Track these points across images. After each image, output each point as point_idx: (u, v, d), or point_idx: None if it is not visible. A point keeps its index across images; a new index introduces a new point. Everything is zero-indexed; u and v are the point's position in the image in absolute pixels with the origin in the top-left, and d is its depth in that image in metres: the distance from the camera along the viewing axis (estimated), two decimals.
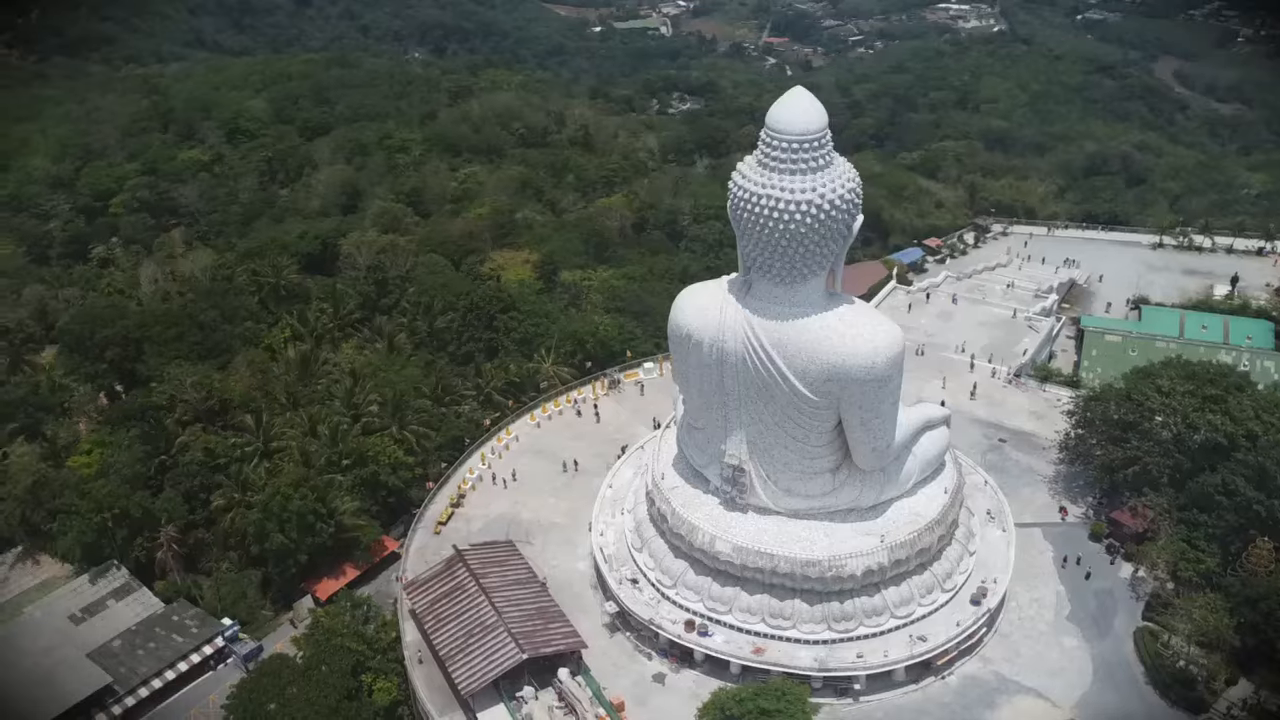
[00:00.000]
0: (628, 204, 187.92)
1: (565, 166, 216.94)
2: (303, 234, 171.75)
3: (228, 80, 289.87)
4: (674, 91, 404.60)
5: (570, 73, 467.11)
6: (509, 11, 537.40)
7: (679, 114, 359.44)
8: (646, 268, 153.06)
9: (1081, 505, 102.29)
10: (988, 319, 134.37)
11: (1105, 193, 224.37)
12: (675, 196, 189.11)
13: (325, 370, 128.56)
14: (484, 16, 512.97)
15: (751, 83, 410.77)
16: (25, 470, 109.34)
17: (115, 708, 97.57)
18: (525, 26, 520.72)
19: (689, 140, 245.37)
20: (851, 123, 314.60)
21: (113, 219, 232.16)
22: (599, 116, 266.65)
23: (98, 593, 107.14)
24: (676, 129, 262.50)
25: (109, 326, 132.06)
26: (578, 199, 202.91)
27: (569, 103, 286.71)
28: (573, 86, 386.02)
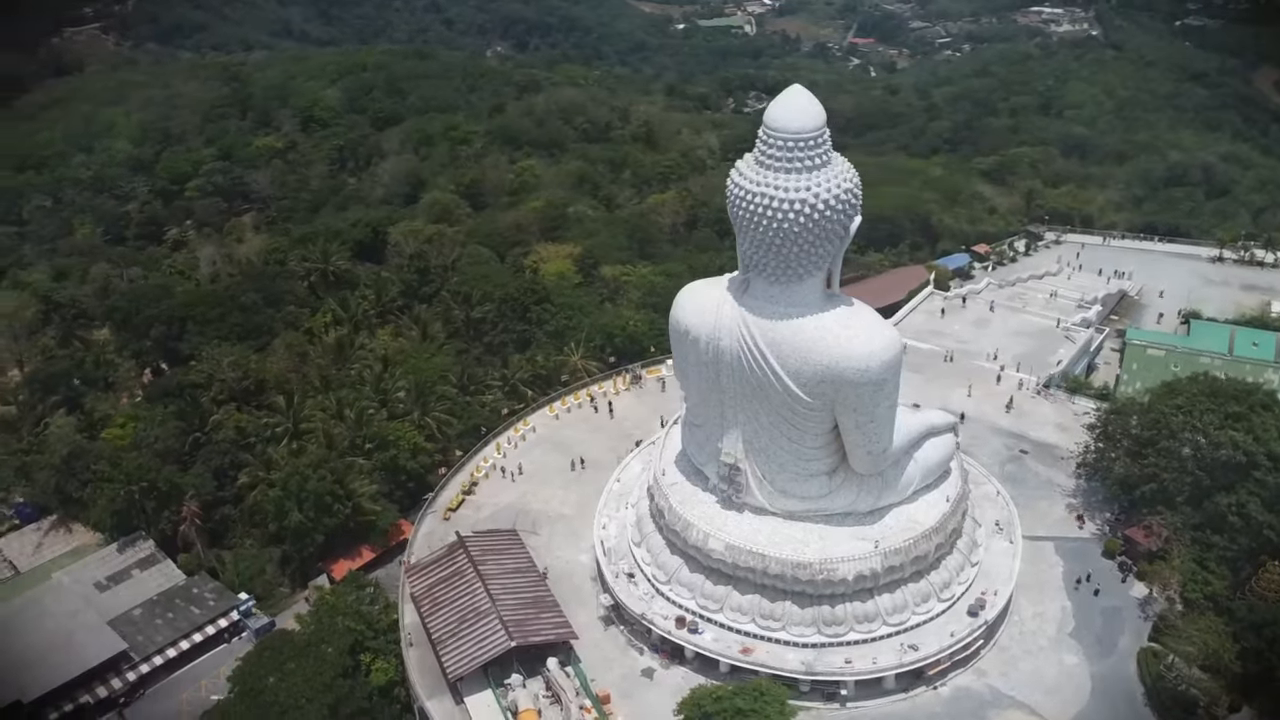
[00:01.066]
0: (680, 201, 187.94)
1: (624, 162, 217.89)
2: (355, 222, 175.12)
3: (306, 70, 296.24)
4: (750, 90, 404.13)
5: (652, 70, 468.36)
6: (593, 7, 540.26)
7: (753, 113, 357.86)
8: (688, 265, 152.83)
9: (1099, 521, 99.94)
10: (1024, 328, 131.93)
11: (1183, 204, 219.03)
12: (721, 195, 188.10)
13: (359, 355, 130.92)
14: (567, 12, 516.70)
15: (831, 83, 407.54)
16: (62, 440, 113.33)
17: (129, 673, 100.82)
18: (608, 23, 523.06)
19: (750, 139, 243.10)
20: (927, 126, 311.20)
21: (188, 202, 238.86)
22: (664, 113, 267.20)
23: (124, 562, 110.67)
24: (740, 127, 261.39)
25: (154, 306, 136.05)
26: (633, 195, 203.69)
27: (635, 99, 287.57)
28: (650, 84, 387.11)
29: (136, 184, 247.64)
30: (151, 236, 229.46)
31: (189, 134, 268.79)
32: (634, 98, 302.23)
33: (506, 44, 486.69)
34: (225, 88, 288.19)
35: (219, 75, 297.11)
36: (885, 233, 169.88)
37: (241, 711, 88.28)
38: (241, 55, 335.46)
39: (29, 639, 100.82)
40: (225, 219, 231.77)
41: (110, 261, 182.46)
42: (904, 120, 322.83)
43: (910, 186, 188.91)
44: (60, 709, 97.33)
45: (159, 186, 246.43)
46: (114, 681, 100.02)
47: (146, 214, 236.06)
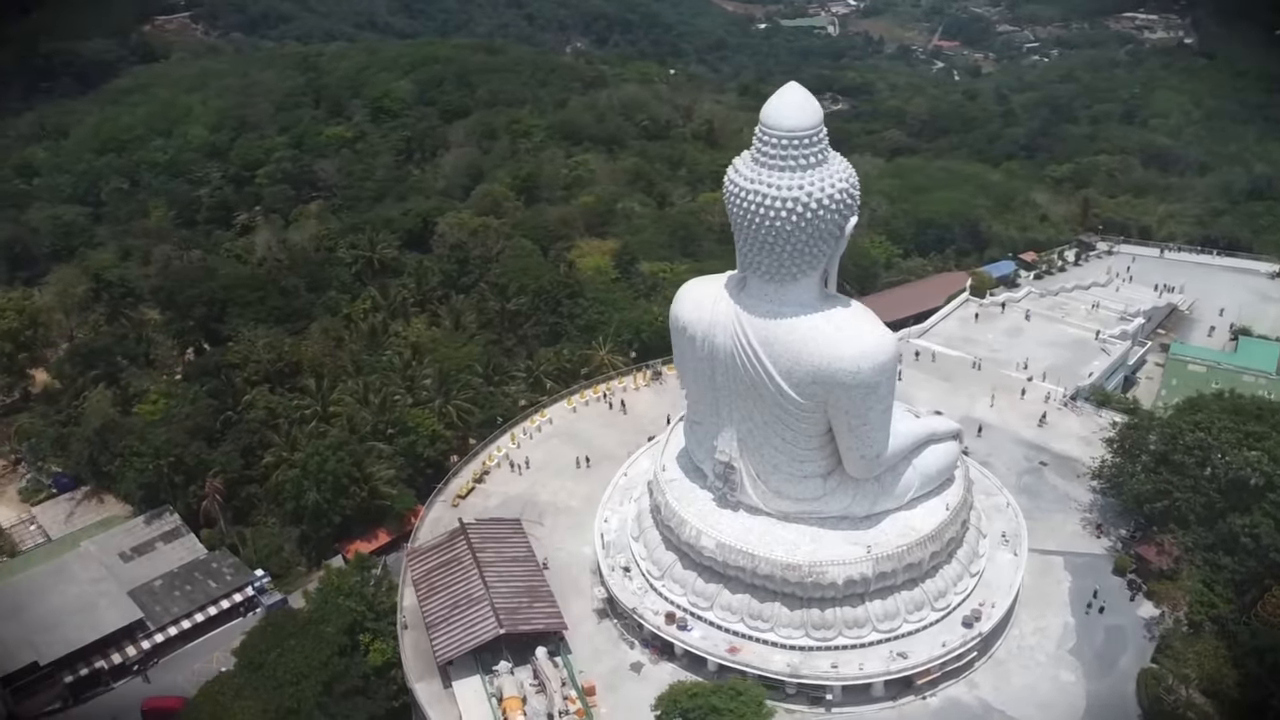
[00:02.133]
0: None
1: (681, 160, 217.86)
2: (406, 211, 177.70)
3: (379, 61, 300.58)
4: (825, 91, 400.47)
5: (730, 69, 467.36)
6: (674, 5, 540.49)
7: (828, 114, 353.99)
8: (729, 263, 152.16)
9: (1112, 537, 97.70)
10: (1059, 338, 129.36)
11: (1263, 218, 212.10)
12: None
13: (392, 342, 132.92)
14: (649, 9, 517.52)
15: (911, 86, 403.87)
16: (97, 414, 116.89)
17: (144, 642, 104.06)
18: (689, 21, 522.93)
19: None
20: (1002, 132, 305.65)
21: (257, 189, 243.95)
22: (730, 112, 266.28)
23: (149, 534, 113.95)
24: None
25: (196, 286, 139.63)
26: (687, 192, 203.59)
27: (702, 97, 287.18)
28: (725, 83, 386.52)
29: (210, 169, 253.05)
30: (221, 221, 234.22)
31: (263, 122, 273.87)
32: (701, 96, 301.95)
33: (586, 40, 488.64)
34: (301, 77, 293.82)
35: (296, 65, 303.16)
36: (933, 238, 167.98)
37: (241, 684, 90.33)
38: (319, 46, 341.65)
39: (51, 603, 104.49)
40: (292, 206, 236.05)
41: (173, 244, 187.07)
42: (978, 125, 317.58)
43: (964, 192, 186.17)
44: (76, 672, 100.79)
45: (231, 172, 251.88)
46: (129, 649, 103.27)
47: (217, 199, 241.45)
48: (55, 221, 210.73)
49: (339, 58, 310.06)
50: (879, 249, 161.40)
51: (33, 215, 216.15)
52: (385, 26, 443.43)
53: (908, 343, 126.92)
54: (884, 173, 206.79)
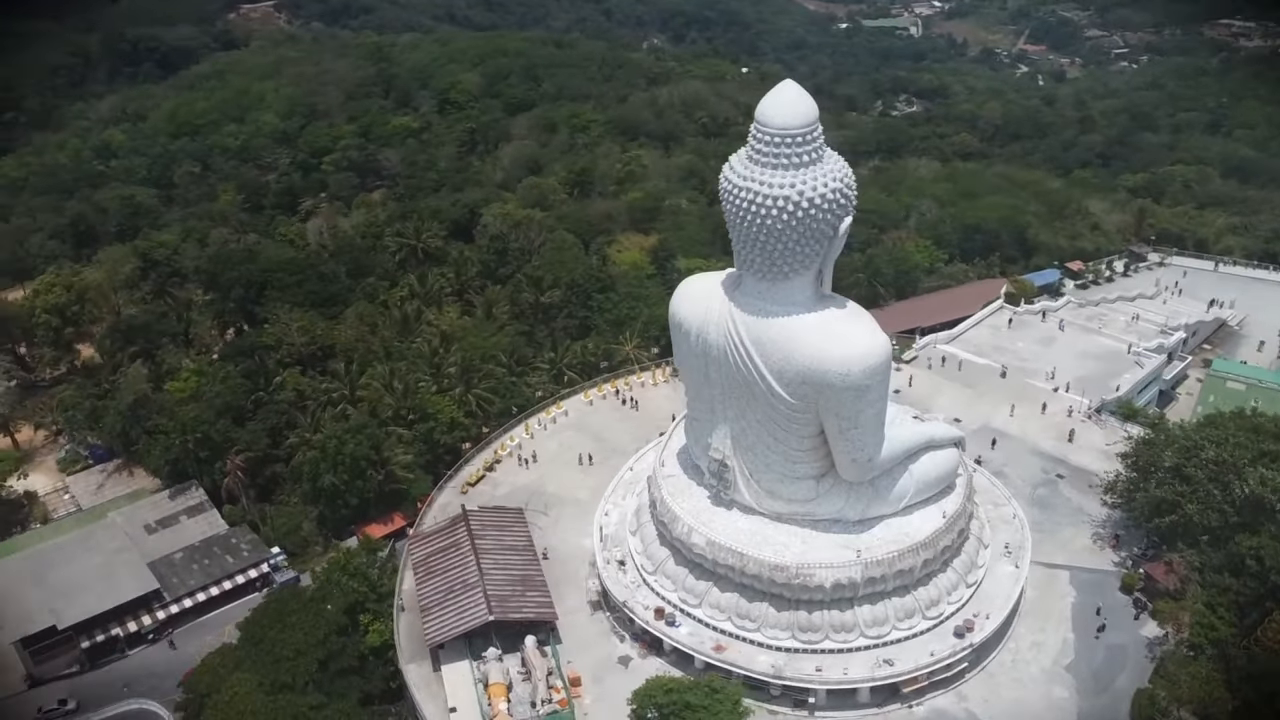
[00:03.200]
0: None
1: None
2: (454, 202, 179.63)
3: (449, 53, 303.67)
4: (901, 94, 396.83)
5: (807, 68, 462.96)
6: (755, 3, 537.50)
7: (900, 116, 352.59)
8: None
9: (1122, 553, 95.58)
10: (1092, 349, 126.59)
11: None
12: None
13: (424, 330, 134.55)
14: (728, 6, 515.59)
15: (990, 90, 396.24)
16: (130, 389, 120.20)
17: (160, 612, 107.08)
18: (769, 19, 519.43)
19: (869, 142, 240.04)
20: (1078, 139, 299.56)
21: (323, 175, 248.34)
22: None
23: (174, 508, 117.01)
24: (863, 129, 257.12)
25: (236, 268, 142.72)
26: None
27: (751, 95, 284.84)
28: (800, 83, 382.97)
29: (279, 155, 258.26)
30: (287, 206, 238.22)
31: (333, 110, 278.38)
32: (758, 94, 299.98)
33: (664, 37, 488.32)
34: (372, 67, 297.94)
35: (369, 55, 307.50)
36: (980, 244, 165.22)
37: (241, 657, 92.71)
38: (392, 37, 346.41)
39: (74, 570, 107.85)
40: (356, 193, 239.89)
41: (230, 227, 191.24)
42: (1053, 131, 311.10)
43: (1018, 198, 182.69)
44: (93, 638, 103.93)
45: (299, 159, 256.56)
46: (145, 618, 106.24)
47: (284, 185, 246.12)
48: (123, 201, 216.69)
49: (410, 49, 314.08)
50: (923, 253, 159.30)
51: (103, 195, 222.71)
52: (464, 20, 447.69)
53: (934, 348, 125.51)
54: (939, 176, 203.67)
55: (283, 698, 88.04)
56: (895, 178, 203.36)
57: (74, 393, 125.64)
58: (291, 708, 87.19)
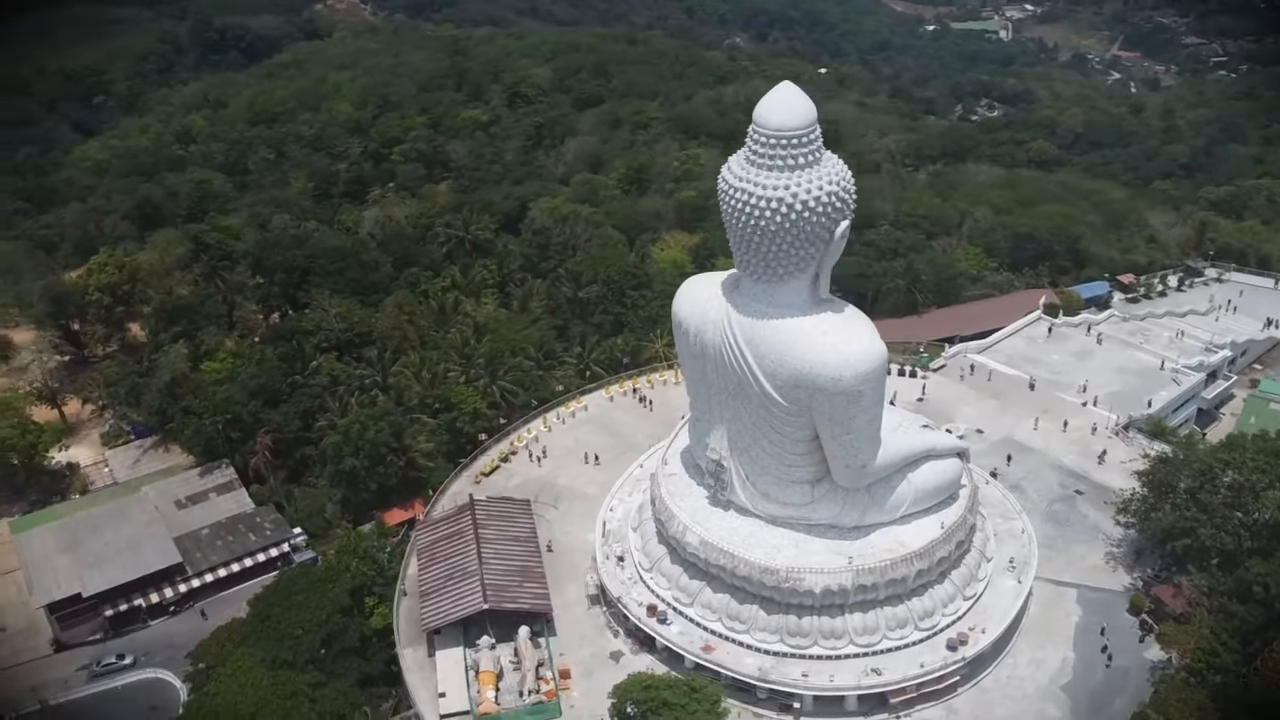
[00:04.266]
0: None
1: None
2: (507, 195, 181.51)
3: (523, 48, 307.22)
4: (982, 98, 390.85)
5: (891, 70, 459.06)
6: (841, 3, 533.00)
7: (979, 121, 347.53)
8: None
9: (1135, 574, 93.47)
10: (1129, 364, 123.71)
11: None
12: (880, 199, 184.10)
13: (459, 320, 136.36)
14: (813, 6, 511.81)
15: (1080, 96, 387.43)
16: (168, 368, 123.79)
17: (181, 585, 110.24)
18: (854, 19, 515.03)
19: (934, 146, 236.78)
20: (1161, 149, 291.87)
21: (392, 165, 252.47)
22: (861, 114, 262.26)
23: (204, 485, 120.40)
24: (930, 133, 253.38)
25: (281, 254, 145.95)
26: None
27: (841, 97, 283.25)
28: (877, 84, 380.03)
29: (351, 144, 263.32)
30: (355, 195, 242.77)
31: (406, 101, 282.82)
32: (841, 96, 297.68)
33: (745, 36, 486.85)
34: (447, 60, 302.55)
35: (444, 48, 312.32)
36: (1031, 253, 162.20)
37: (248, 633, 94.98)
38: (469, 30, 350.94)
39: (104, 540, 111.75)
40: (422, 184, 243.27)
41: (292, 214, 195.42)
42: (1135, 141, 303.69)
43: (1077, 208, 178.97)
44: (116, 607, 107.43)
45: (370, 149, 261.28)
46: (167, 590, 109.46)
47: (353, 174, 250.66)
48: (195, 185, 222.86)
49: (485, 42, 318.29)
50: (970, 261, 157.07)
51: (174, 179, 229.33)
52: (546, 14, 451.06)
53: (964, 357, 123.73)
54: (999, 183, 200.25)
55: (283, 674, 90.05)
56: (953, 183, 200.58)
57: (116, 369, 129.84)
58: (290, 684, 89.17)
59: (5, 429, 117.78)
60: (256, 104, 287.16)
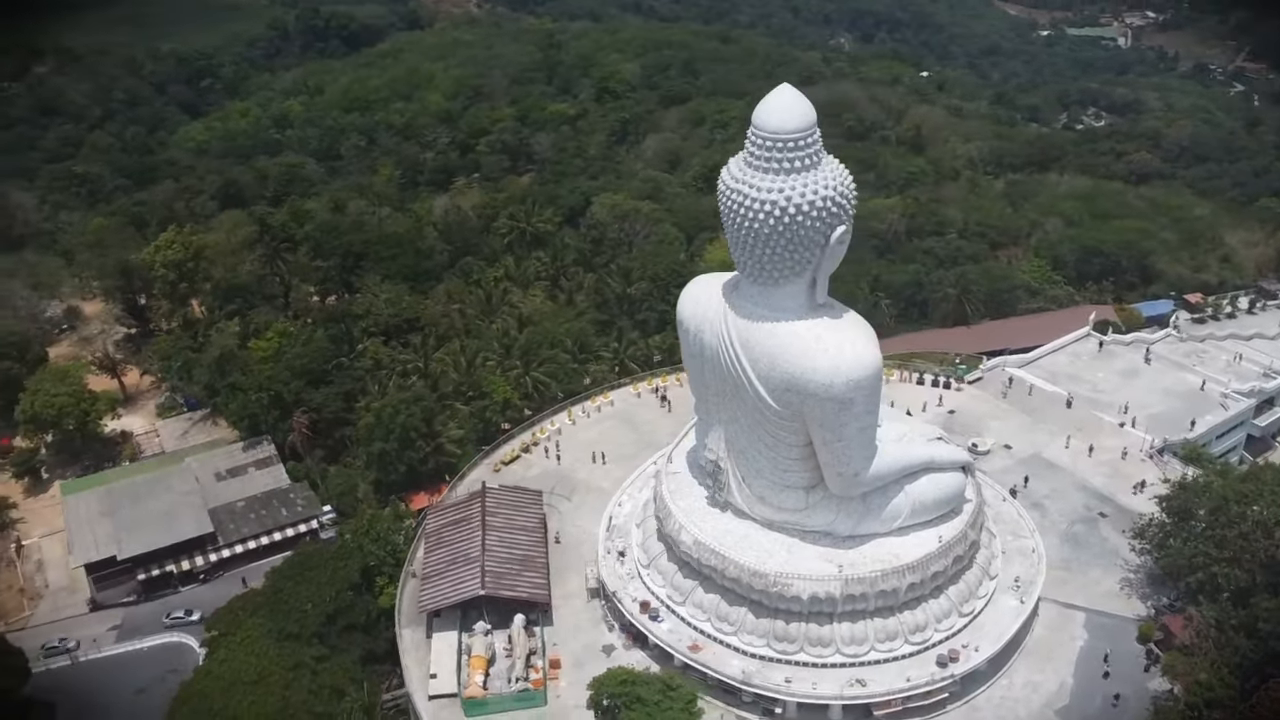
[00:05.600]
0: (904, 207, 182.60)
1: (874, 163, 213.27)
2: (573, 189, 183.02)
3: (615, 43, 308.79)
4: (1090, 106, 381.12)
5: (1000, 75, 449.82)
6: (951, 5, 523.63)
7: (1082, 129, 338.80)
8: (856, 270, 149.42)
9: (1149, 602, 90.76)
10: (1176, 387, 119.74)
11: None
12: (952, 207, 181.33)
13: (504, 310, 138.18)
14: (922, 8, 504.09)
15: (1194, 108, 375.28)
16: (219, 344, 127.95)
17: (212, 554, 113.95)
18: (964, 23, 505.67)
19: (1018, 155, 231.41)
20: (1272, 165, 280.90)
21: (478, 156, 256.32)
22: (947, 119, 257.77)
23: (244, 460, 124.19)
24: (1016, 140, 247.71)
25: (339, 238, 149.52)
26: (869, 196, 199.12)
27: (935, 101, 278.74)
28: (980, 90, 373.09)
29: (439, 134, 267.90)
30: (440, 184, 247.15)
31: (496, 93, 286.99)
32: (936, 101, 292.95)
33: (851, 36, 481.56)
34: (539, 53, 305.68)
35: (538, 41, 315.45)
36: (1097, 268, 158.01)
37: (261, 604, 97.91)
38: (565, 24, 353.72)
39: (144, 507, 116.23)
40: (506, 175, 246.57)
41: (368, 199, 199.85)
42: (1246, 156, 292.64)
43: (1153, 223, 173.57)
44: (148, 571, 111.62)
45: (458, 139, 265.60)
46: (198, 558, 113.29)
47: (439, 163, 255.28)
48: (283, 169, 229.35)
49: (579, 36, 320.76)
50: (1032, 273, 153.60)
51: (264, 162, 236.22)
52: (649, 10, 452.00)
53: (1003, 370, 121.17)
54: (1076, 195, 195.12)
55: (288, 646, 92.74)
56: (1029, 192, 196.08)
57: (170, 343, 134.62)
58: (294, 656, 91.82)
59: (61, 396, 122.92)
60: (352, 91, 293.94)
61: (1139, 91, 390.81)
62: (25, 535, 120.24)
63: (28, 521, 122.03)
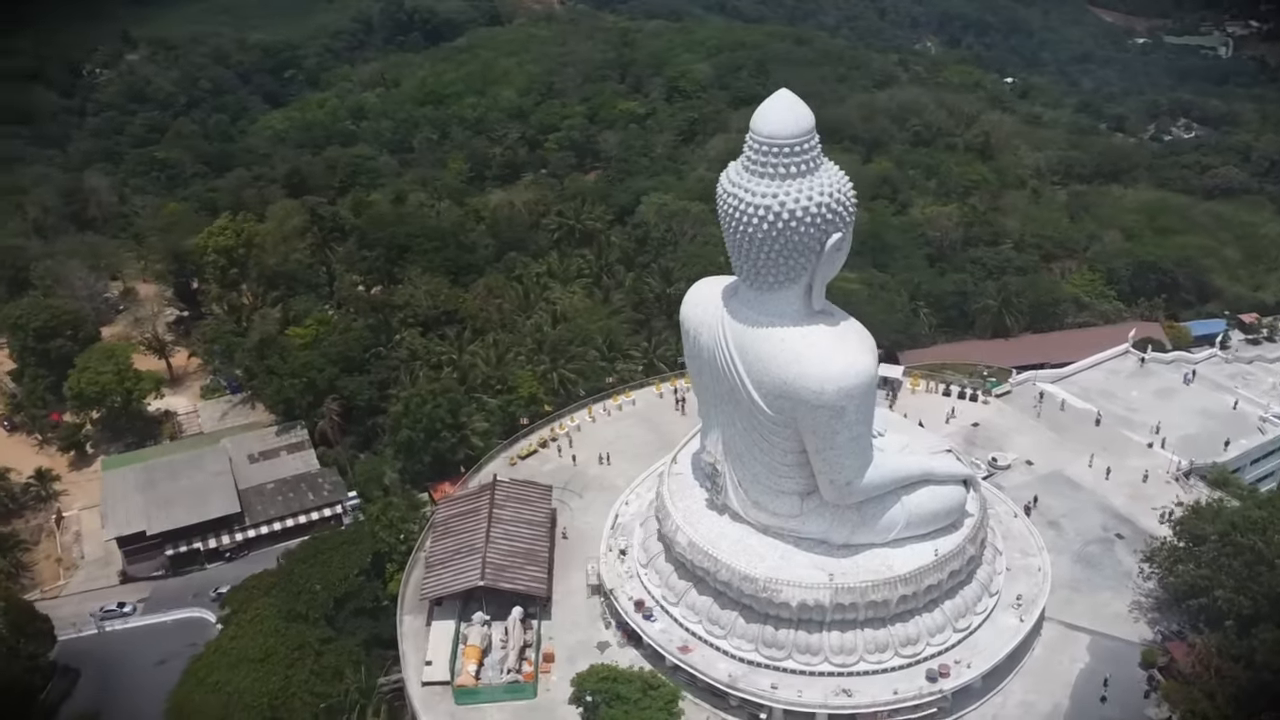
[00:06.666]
0: (961, 215, 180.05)
1: (937, 169, 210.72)
2: (626, 188, 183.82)
3: (688, 42, 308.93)
4: (1181, 118, 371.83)
5: (1091, 83, 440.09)
6: (1046, 11, 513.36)
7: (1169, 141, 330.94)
8: (899, 279, 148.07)
9: (1157, 627, 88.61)
10: (1214, 408, 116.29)
11: None
12: (1010, 217, 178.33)
13: (541, 306, 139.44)
14: (1014, 13, 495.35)
15: None
16: (259, 330, 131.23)
17: (238, 534, 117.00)
18: (1056, 29, 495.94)
19: (1086, 165, 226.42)
20: None
21: (545, 153, 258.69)
22: (1021, 127, 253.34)
23: (278, 443, 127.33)
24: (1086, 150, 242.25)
25: (384, 230, 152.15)
26: (930, 202, 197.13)
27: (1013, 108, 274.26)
28: (1064, 98, 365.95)
29: (509, 129, 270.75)
30: (506, 179, 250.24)
31: (568, 90, 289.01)
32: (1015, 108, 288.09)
33: (938, 40, 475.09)
34: (613, 51, 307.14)
35: (613, 39, 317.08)
36: (1153, 283, 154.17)
37: (273, 584, 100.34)
38: (641, 22, 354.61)
39: (176, 485, 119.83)
40: (572, 171, 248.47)
41: (427, 192, 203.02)
42: None
43: (1218, 239, 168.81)
44: (176, 547, 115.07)
45: (528, 135, 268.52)
46: (224, 537, 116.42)
47: (507, 158, 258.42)
48: (351, 159, 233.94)
49: (653, 36, 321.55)
50: (1083, 286, 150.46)
51: (335, 152, 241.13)
52: (733, 10, 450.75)
53: (1033, 385, 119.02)
54: (1140, 208, 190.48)
55: (295, 626, 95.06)
56: (1091, 204, 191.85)
57: (214, 327, 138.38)
58: (300, 636, 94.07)
59: (106, 375, 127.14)
60: (427, 85, 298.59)
61: (1234, 103, 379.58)
62: (66, 507, 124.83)
63: (70, 494, 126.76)
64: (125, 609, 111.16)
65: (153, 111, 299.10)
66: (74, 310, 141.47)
